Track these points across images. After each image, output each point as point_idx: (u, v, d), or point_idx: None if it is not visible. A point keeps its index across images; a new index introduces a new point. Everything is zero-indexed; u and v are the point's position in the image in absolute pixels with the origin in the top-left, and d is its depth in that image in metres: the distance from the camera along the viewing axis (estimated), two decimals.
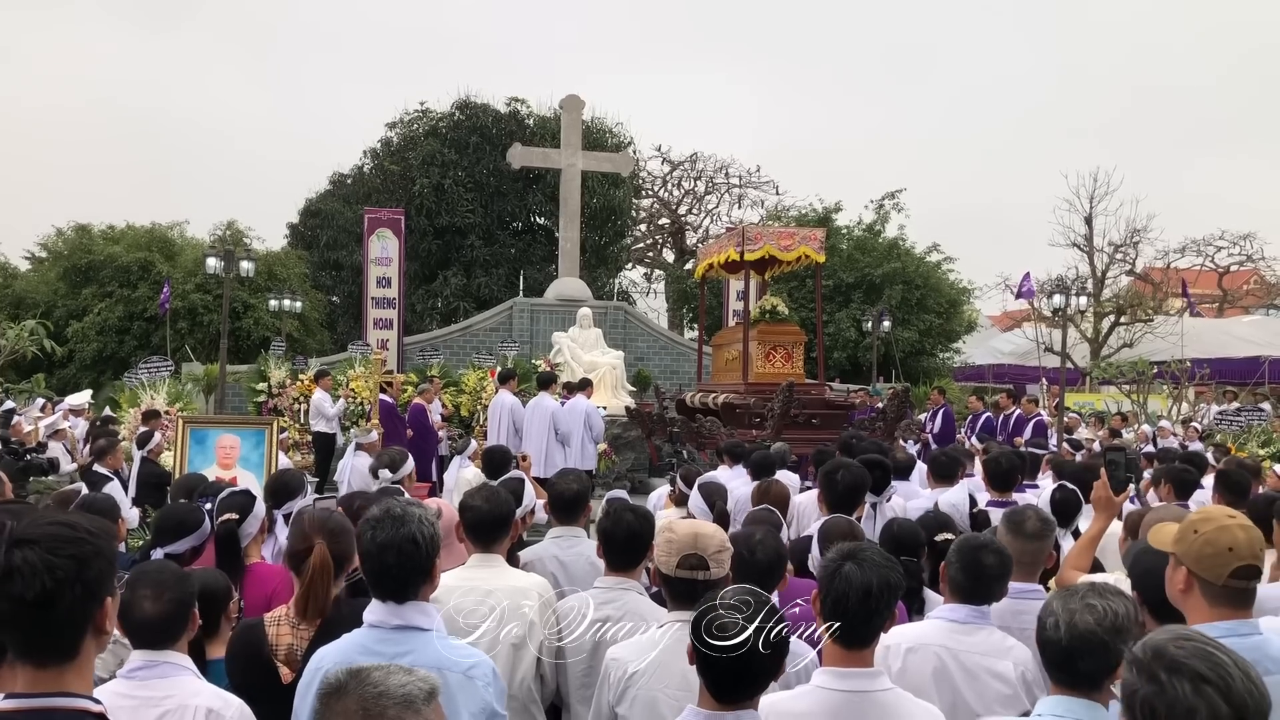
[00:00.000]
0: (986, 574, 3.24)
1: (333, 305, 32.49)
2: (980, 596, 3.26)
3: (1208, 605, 2.75)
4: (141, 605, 2.75)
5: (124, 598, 2.74)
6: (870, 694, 2.61)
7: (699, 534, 3.11)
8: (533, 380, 16.70)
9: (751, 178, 39.06)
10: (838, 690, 2.61)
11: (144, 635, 2.76)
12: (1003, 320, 40.80)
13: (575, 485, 4.49)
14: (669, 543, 3.11)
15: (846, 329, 27.67)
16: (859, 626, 2.61)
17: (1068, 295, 17.50)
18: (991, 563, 3.25)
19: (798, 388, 13.70)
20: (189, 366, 20.47)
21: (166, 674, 2.73)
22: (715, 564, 3.08)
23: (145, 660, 2.73)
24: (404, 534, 2.74)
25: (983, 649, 3.21)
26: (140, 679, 2.71)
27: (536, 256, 31.50)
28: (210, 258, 18.34)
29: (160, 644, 2.76)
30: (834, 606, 2.61)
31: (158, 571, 2.92)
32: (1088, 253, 34.02)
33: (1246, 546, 2.72)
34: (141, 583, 2.81)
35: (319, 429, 14.50)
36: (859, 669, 2.63)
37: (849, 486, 4.53)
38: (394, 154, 32.21)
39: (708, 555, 3.07)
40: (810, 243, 14.34)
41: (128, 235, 29.08)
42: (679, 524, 3.17)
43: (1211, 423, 15.44)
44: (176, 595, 2.81)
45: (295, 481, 5.50)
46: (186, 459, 8.51)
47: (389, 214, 22.92)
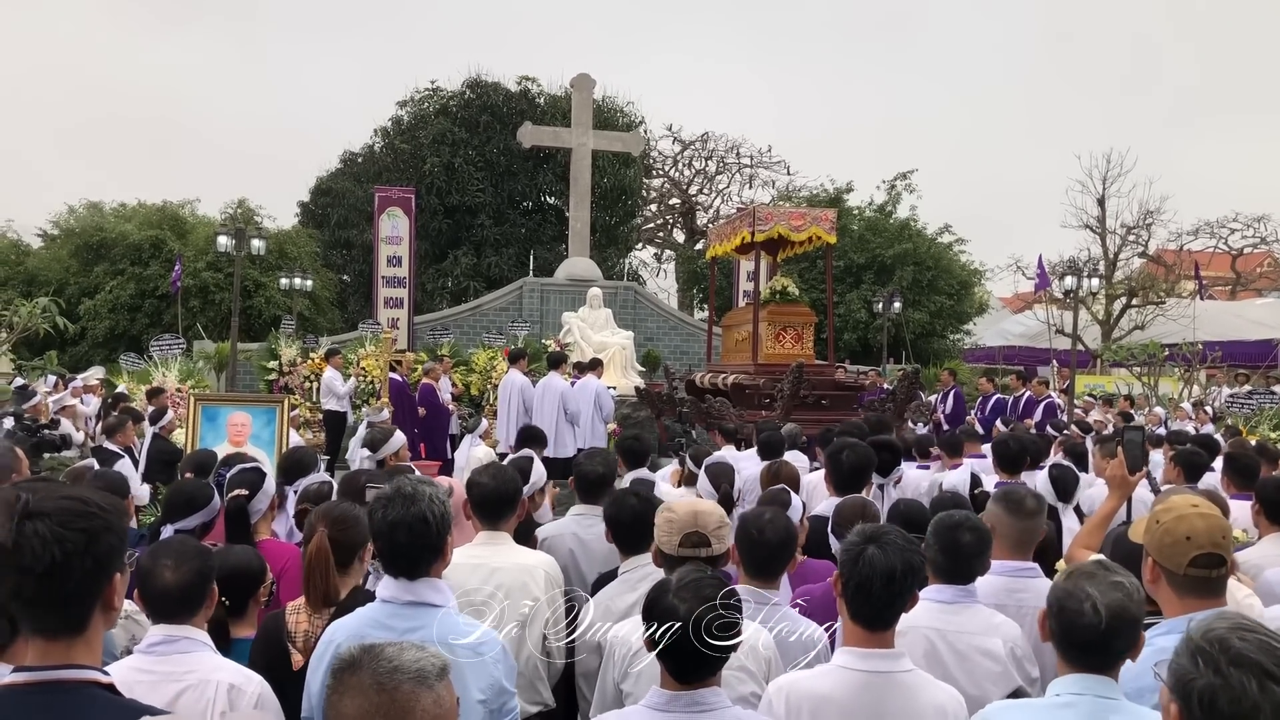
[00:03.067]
0: (964, 552, 3.24)
1: (343, 284, 32.54)
2: (961, 575, 3.26)
3: (1176, 596, 2.74)
4: (162, 575, 2.72)
5: (144, 567, 2.75)
6: (892, 675, 2.62)
7: (698, 512, 3.16)
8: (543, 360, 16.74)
9: (763, 158, 38.92)
10: (859, 670, 2.62)
11: (163, 606, 2.73)
12: (1014, 302, 40.67)
13: (600, 467, 4.56)
14: (669, 523, 3.15)
15: (857, 310, 27.62)
16: (883, 609, 2.62)
17: (1079, 277, 17.43)
18: (969, 540, 3.25)
19: (807, 369, 13.69)
20: (200, 344, 20.53)
21: (186, 650, 2.68)
22: (716, 540, 3.13)
23: (165, 635, 2.69)
24: (415, 512, 2.78)
25: (971, 628, 3.22)
26: (160, 654, 2.67)
27: (547, 236, 31.47)
28: (221, 236, 18.38)
29: (179, 617, 2.72)
30: (857, 590, 2.61)
31: (180, 544, 2.92)
32: (1100, 234, 33.87)
33: (1205, 534, 2.71)
34: (162, 553, 2.79)
35: (330, 407, 14.53)
36: (881, 650, 2.64)
37: (854, 467, 4.55)
38: (404, 133, 32.18)
39: (708, 532, 3.13)
40: (821, 223, 14.27)
41: (139, 213, 29.16)
42: (678, 504, 3.21)
43: (1223, 405, 15.38)
44: (196, 566, 2.79)
45: (308, 459, 5.53)
46: (198, 436, 8.57)
47: (399, 193, 22.90)
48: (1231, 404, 15.10)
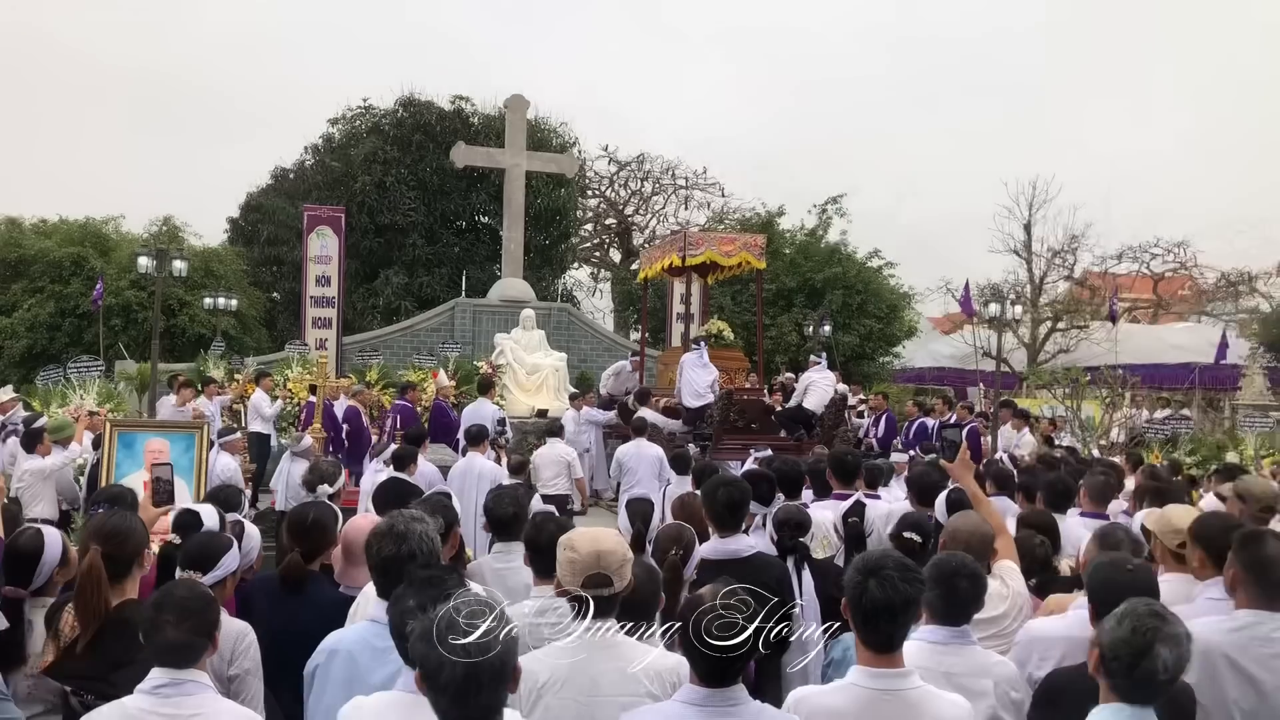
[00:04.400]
0: (960, 599, 3.31)
1: (273, 302, 32.08)
2: (954, 619, 3.33)
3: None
4: (165, 630, 2.78)
5: (147, 619, 2.83)
6: (900, 691, 2.85)
7: (601, 553, 3.17)
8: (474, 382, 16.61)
9: (698, 179, 39.20)
10: (870, 688, 2.86)
11: (166, 656, 2.80)
12: (943, 323, 41.30)
13: (511, 507, 4.74)
14: (571, 563, 3.16)
15: (788, 333, 27.87)
16: (890, 637, 2.87)
17: (1003, 304, 17.77)
18: (965, 588, 3.31)
19: (736, 393, 13.82)
20: (122, 364, 20.06)
21: (190, 692, 2.77)
22: (619, 578, 3.18)
23: (171, 679, 2.76)
24: (406, 550, 3.21)
25: (962, 669, 3.27)
26: (164, 695, 2.74)
27: (480, 256, 31.29)
28: (142, 257, 18.00)
29: (183, 665, 2.79)
30: (864, 621, 2.87)
31: (184, 598, 2.90)
32: (1026, 260, 34.60)
33: None
34: (167, 607, 2.82)
35: (255, 429, 14.30)
36: (890, 669, 2.87)
37: (729, 503, 4.61)
38: (336, 150, 31.89)
39: (611, 572, 3.16)
40: (751, 249, 14.46)
41: (60, 229, 28.56)
42: (580, 541, 3.20)
43: (1140, 429, 15.74)
44: (197, 622, 2.83)
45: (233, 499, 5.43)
46: (114, 463, 8.35)
47: (329, 211, 22.64)
48: (1148, 428, 15.46)
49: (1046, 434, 15.31)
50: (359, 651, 3.19)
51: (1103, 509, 6.10)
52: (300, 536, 4.13)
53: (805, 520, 5.03)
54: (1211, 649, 3.30)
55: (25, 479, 9.22)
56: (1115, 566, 3.26)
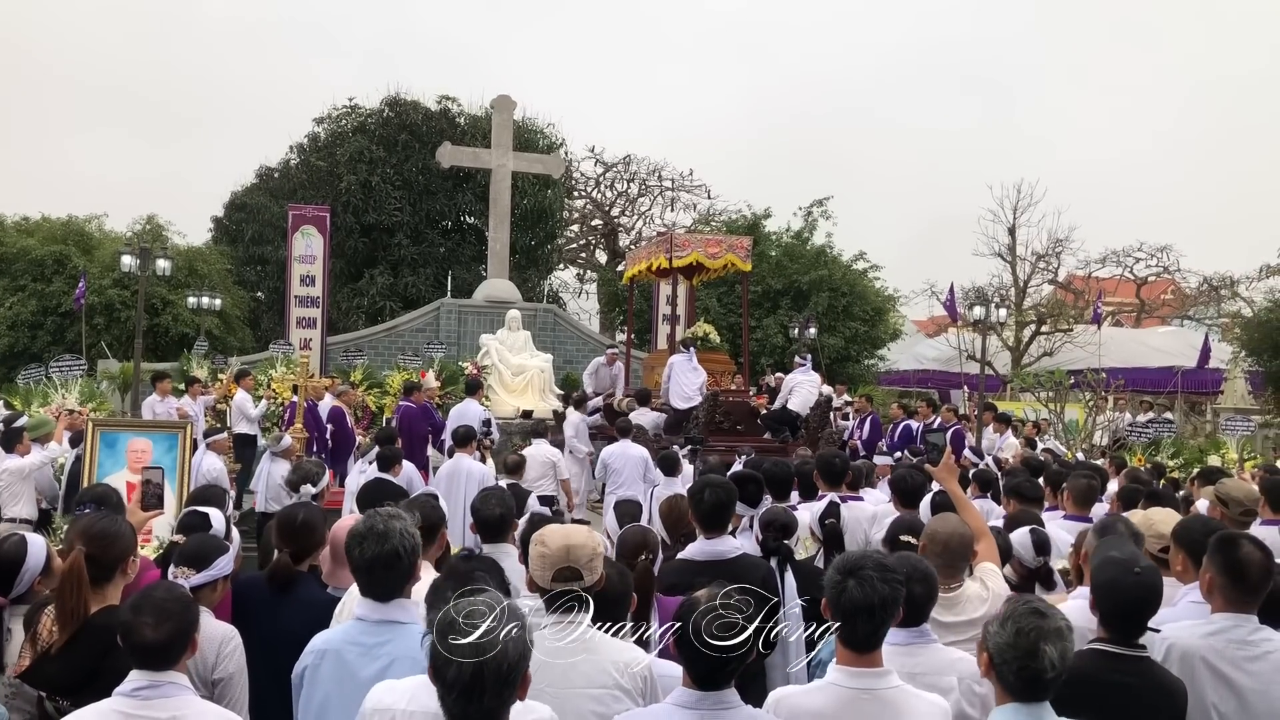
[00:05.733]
0: (916, 601, 3.30)
1: (257, 302, 31.93)
2: (912, 620, 3.32)
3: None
4: (143, 631, 2.77)
5: (125, 620, 2.80)
6: (878, 691, 2.89)
7: (571, 546, 3.16)
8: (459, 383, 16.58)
9: (684, 181, 39.20)
10: (849, 688, 2.90)
11: (144, 658, 2.78)
12: (928, 325, 41.41)
13: (498, 508, 4.63)
14: (542, 557, 3.15)
15: (774, 335, 27.87)
16: (868, 636, 2.90)
17: (988, 307, 17.83)
18: (920, 591, 3.31)
19: (722, 394, 13.85)
20: (105, 364, 19.95)
21: (170, 694, 2.76)
22: (589, 572, 3.16)
23: (149, 680, 2.75)
24: (388, 549, 3.14)
25: (925, 668, 3.29)
26: (144, 698, 2.73)
27: (466, 256, 31.21)
28: (126, 255, 17.93)
29: (161, 666, 2.78)
30: (844, 619, 2.90)
31: (162, 599, 2.88)
32: (1010, 263, 34.73)
33: None
34: (145, 609, 2.80)
35: (240, 430, 14.24)
36: (868, 669, 2.91)
37: (715, 504, 4.59)
38: (321, 150, 31.76)
39: (581, 566, 3.14)
40: (736, 251, 14.49)
41: (42, 227, 28.38)
42: (551, 536, 3.19)
43: (1122, 432, 15.81)
44: (176, 625, 2.81)
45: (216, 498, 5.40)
46: (96, 462, 8.30)
47: (314, 211, 22.57)
48: (1131, 431, 15.54)
49: (1030, 436, 15.37)
50: (347, 650, 3.18)
51: (1086, 512, 6.13)
52: (289, 537, 4.09)
53: (791, 522, 5.02)
54: (1190, 652, 3.32)
55: (4, 478, 9.13)
56: (1123, 567, 3.16)
